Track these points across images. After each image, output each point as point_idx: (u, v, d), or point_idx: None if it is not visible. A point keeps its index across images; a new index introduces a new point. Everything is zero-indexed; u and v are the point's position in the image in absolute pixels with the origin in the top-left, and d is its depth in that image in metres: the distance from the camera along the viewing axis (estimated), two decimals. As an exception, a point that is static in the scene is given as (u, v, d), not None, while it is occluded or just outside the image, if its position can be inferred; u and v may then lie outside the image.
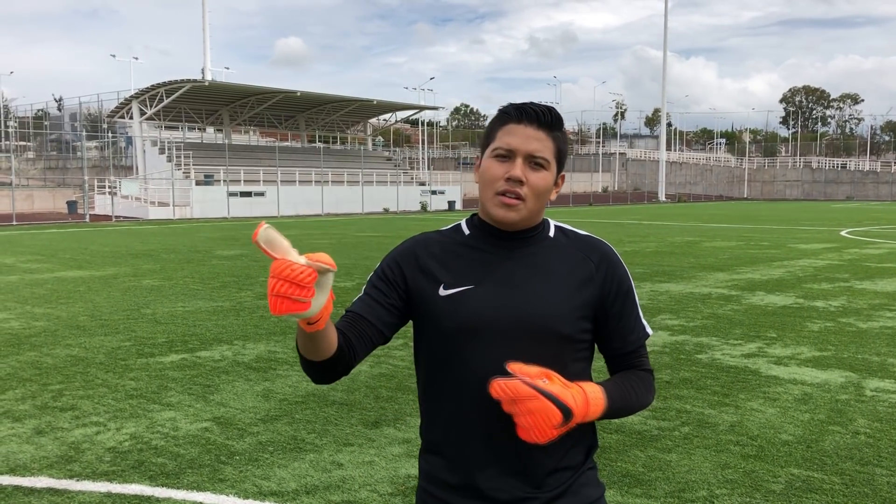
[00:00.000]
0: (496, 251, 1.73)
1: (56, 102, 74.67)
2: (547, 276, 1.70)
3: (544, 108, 1.68)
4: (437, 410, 1.74)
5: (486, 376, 1.63)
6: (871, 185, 72.47)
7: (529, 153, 1.65)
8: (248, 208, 38.02)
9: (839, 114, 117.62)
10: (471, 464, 1.69)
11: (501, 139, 1.67)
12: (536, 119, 1.66)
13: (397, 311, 1.74)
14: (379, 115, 53.38)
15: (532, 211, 1.69)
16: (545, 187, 1.68)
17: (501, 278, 1.70)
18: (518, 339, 1.65)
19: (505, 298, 1.67)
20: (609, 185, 78.69)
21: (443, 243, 1.78)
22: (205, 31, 47.47)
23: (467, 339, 1.67)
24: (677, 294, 11.09)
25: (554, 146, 1.69)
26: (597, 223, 30.76)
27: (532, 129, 1.66)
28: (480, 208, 1.75)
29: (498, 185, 1.66)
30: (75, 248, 19.33)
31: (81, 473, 4.34)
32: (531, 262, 1.71)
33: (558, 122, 1.69)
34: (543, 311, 1.66)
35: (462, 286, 1.70)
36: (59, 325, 8.78)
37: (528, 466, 1.67)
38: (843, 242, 20.73)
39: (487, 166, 1.69)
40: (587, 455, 1.77)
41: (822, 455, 4.58)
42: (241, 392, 6.00)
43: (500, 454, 1.66)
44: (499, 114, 1.72)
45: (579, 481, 1.73)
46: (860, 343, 7.76)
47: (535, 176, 1.66)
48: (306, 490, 4.10)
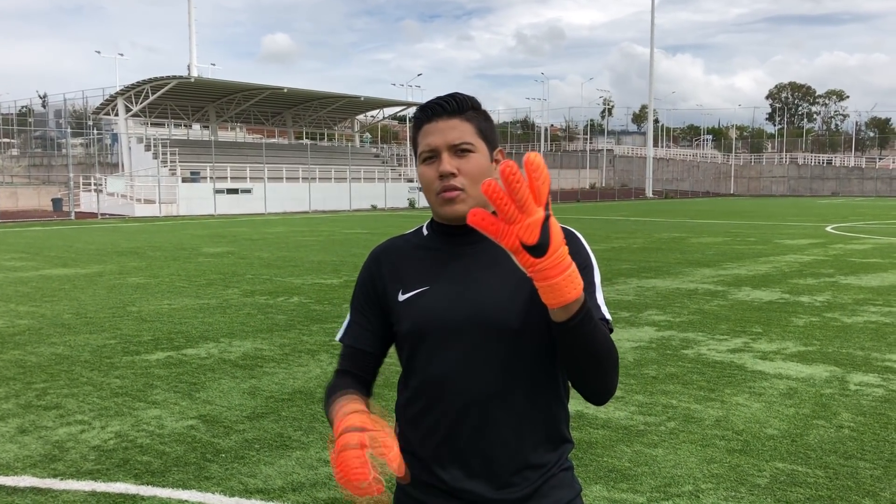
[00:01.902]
0: (451, 249, 1.72)
1: (40, 99, 73.98)
2: (500, 271, 1.65)
3: (447, 98, 1.68)
4: (405, 412, 1.75)
5: (443, 376, 1.64)
6: (856, 182, 72.97)
7: (450, 144, 1.64)
8: (235, 205, 37.88)
9: (825, 110, 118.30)
10: (438, 464, 1.67)
11: (422, 142, 1.68)
12: (443, 110, 1.66)
13: (384, 329, 1.77)
14: (366, 111, 53.30)
15: (478, 199, 1.65)
16: (479, 170, 1.65)
17: (454, 276, 1.68)
18: (473, 336, 1.62)
19: (457, 296, 1.66)
20: (596, 182, 78.84)
21: (402, 249, 1.79)
22: (191, 27, 47.18)
23: (423, 340, 1.66)
24: (664, 290, 11.14)
25: (473, 127, 1.67)
26: (584, 220, 30.83)
27: (444, 121, 1.66)
28: (432, 211, 1.75)
29: (435, 186, 1.66)
30: (60, 245, 19.19)
31: (65, 472, 4.31)
32: (484, 258, 1.69)
33: (465, 104, 1.68)
34: (494, 305, 1.63)
35: (417, 288, 1.70)
36: (44, 324, 8.72)
37: (491, 466, 1.64)
38: (829, 238, 20.87)
39: (421, 173, 1.69)
40: (559, 454, 1.71)
41: (806, 449, 4.61)
42: (228, 390, 5.98)
43: (464, 455, 1.65)
44: (413, 121, 1.74)
45: (550, 483, 1.68)
46: (844, 338, 7.82)
47: (465, 162, 1.65)
48: (293, 487, 4.08)
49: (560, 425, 1.72)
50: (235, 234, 23.45)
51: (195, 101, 44.10)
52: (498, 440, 1.64)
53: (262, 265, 14.56)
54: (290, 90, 42.37)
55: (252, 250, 17.62)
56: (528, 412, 1.63)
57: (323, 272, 13.41)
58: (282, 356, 7.07)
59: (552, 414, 1.69)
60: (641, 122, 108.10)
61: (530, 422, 1.65)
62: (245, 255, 16.60)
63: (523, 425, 1.65)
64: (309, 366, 6.71)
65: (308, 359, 6.97)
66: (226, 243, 19.63)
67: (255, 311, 9.43)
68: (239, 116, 48.34)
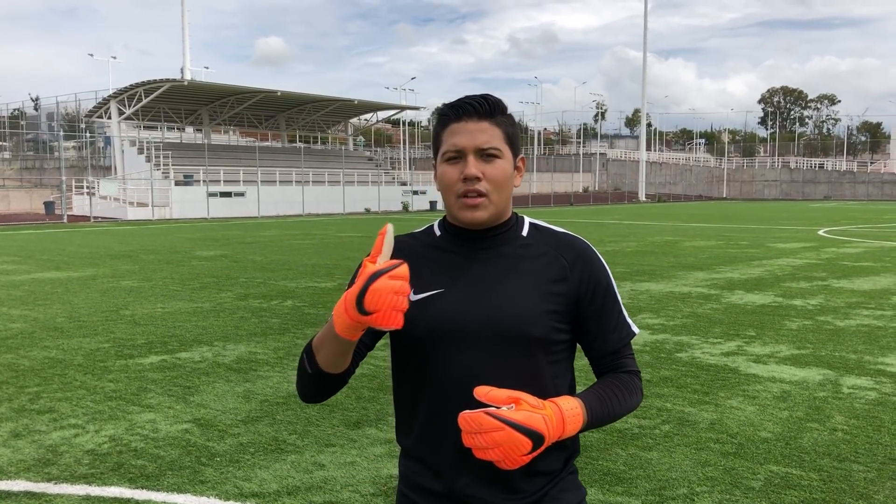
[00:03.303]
0: (466, 253, 1.69)
1: (33, 102, 73.67)
2: (518, 277, 1.65)
3: (480, 99, 1.64)
4: (410, 417, 1.72)
5: (456, 382, 1.61)
6: (848, 185, 73.30)
7: (478, 147, 1.61)
8: (228, 208, 37.80)
9: (816, 114, 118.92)
10: (445, 471, 1.65)
11: (448, 141, 1.63)
12: (475, 111, 1.62)
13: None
14: (360, 114, 53.29)
15: (498, 205, 1.64)
16: (504, 177, 1.63)
17: (471, 281, 1.66)
18: (488, 343, 1.61)
19: (474, 301, 1.63)
20: (590, 186, 79.01)
21: (413, 247, 1.74)
22: (184, 30, 47.07)
23: (437, 345, 1.63)
24: (657, 293, 11.16)
25: (501, 132, 1.63)
26: (577, 223, 30.88)
27: (473, 123, 1.61)
28: (447, 213, 1.72)
29: (457, 188, 1.62)
30: (53, 248, 19.12)
31: (59, 476, 4.30)
32: (502, 263, 1.67)
33: (497, 108, 1.64)
34: (513, 313, 1.61)
35: (431, 290, 1.66)
36: (37, 327, 8.69)
37: (501, 473, 1.62)
38: (821, 242, 20.95)
39: (442, 172, 1.65)
40: (566, 461, 1.72)
41: (800, 452, 4.63)
42: (222, 393, 5.97)
43: (473, 461, 1.61)
44: (438, 117, 1.69)
45: (558, 486, 1.69)
46: (837, 341, 7.85)
47: (491, 168, 1.61)
48: (288, 491, 4.08)
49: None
50: (229, 237, 23.40)
51: (188, 103, 44.02)
52: None
53: (255, 268, 14.53)
54: (283, 93, 42.33)
55: (245, 253, 17.58)
56: None
57: (317, 276, 13.40)
58: (276, 360, 7.06)
59: None
60: (634, 126, 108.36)
61: None
62: (239, 258, 16.57)
63: None
64: (303, 369, 6.69)
65: (302, 362, 6.95)
66: (219, 246, 19.59)
67: (249, 315, 9.42)
68: (232, 119, 48.28)
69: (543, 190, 65.49)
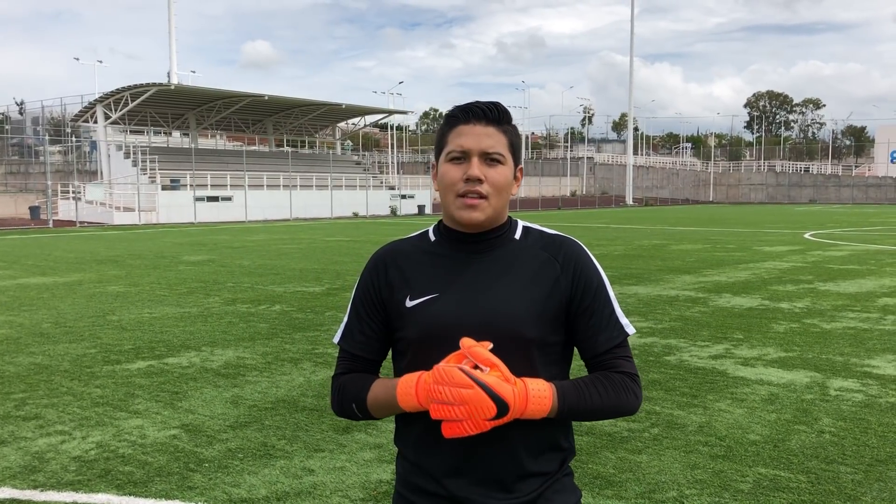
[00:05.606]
0: (461, 256, 1.71)
1: (17, 106, 73.21)
2: (512, 280, 1.67)
3: (490, 105, 1.68)
4: (408, 419, 1.72)
5: None
6: (833, 189, 73.81)
7: (483, 151, 1.64)
8: (216, 213, 37.67)
9: (802, 118, 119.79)
10: (442, 472, 1.67)
11: (454, 142, 1.66)
12: (484, 116, 1.66)
13: (385, 335, 1.78)
14: (348, 119, 53.23)
15: (496, 209, 1.67)
16: (505, 182, 1.67)
17: (466, 284, 1.68)
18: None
19: (469, 305, 1.65)
20: (577, 190, 79.21)
21: (409, 252, 1.77)
22: (171, 34, 46.87)
23: (433, 348, 1.63)
24: (645, 296, 11.20)
25: (506, 140, 1.68)
26: (565, 227, 30.94)
27: (481, 127, 1.65)
28: (444, 214, 1.74)
29: (458, 188, 1.65)
30: (38, 254, 18.98)
31: (46, 483, 4.26)
32: (496, 266, 1.69)
33: (506, 116, 1.69)
34: (508, 315, 1.64)
35: (427, 295, 1.68)
36: (22, 333, 8.62)
37: (498, 474, 1.65)
38: (807, 245, 21.09)
39: (445, 171, 1.67)
40: (562, 463, 1.73)
41: (788, 454, 4.65)
42: (210, 399, 5.94)
43: (470, 463, 1.64)
44: (446, 118, 1.72)
45: (553, 488, 1.70)
46: (824, 343, 7.90)
47: (493, 172, 1.65)
48: (277, 497, 4.06)
49: (564, 434, 1.74)
50: (216, 241, 23.30)
51: (175, 108, 43.84)
52: (503, 449, 1.64)
53: (243, 273, 14.48)
54: (270, 97, 42.26)
55: (233, 258, 17.52)
56: (535, 421, 1.60)
57: (305, 280, 13.36)
58: (264, 364, 7.03)
59: (557, 423, 1.69)
60: (621, 130, 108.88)
61: (536, 431, 1.65)
62: (226, 263, 16.50)
63: (529, 434, 1.65)
64: (292, 374, 6.68)
65: (291, 367, 6.94)
66: (206, 251, 19.50)
67: (237, 320, 9.38)
68: (219, 124, 48.12)
69: (531, 194, 65.59)
